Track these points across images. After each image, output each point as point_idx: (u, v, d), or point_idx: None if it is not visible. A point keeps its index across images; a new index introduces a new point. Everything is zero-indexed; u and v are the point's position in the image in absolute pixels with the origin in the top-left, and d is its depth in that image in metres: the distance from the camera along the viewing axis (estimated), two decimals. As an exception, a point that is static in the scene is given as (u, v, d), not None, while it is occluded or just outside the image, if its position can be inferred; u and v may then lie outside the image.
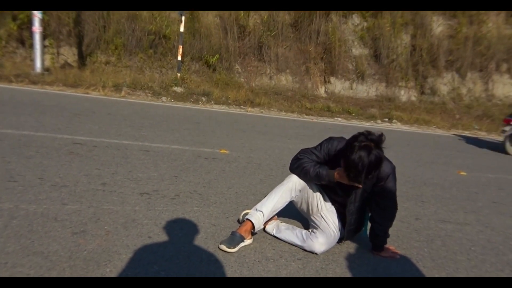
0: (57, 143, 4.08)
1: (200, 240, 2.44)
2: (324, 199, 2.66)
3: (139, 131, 5.06)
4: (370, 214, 2.57)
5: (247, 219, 2.48)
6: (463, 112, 12.63)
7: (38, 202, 2.66)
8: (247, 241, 2.45)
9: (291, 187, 2.53)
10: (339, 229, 2.57)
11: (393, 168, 2.43)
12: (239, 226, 2.48)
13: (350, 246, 2.67)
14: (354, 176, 2.19)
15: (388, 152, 2.28)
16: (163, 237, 2.42)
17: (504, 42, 13.49)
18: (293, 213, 2.92)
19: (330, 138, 2.57)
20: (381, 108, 11.62)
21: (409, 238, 2.96)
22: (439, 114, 12.04)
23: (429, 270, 2.45)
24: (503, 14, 13.96)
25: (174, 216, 2.74)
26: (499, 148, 8.05)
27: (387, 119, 10.66)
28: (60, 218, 2.48)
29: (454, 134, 9.73)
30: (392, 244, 2.70)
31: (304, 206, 2.65)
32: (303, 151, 2.58)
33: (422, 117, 11.18)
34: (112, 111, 6.13)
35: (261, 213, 2.48)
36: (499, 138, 9.60)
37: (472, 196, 4.32)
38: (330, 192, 2.63)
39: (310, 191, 2.61)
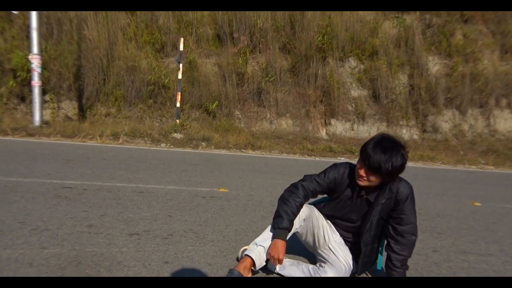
0: (45, 188, 3.85)
1: (193, 281, 2.15)
2: (332, 230, 2.40)
3: (134, 174, 4.83)
4: (386, 243, 2.30)
5: (246, 255, 2.21)
6: (467, 148, 12.39)
7: (14, 247, 2.41)
8: (247, 280, 2.16)
9: (295, 217, 2.28)
10: (351, 262, 2.30)
11: (411, 188, 2.21)
12: (238, 263, 2.21)
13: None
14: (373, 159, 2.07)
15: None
16: (151, 278, 2.14)
17: (501, 78, 13.54)
18: (297, 246, 2.64)
19: (335, 165, 2.36)
20: (384, 147, 11.43)
21: (429, 271, 2.65)
22: (443, 150, 11.80)
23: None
24: (497, 51, 14.16)
25: (166, 257, 2.47)
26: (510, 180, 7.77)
27: (391, 158, 10.39)
28: (36, 263, 2.22)
29: (461, 169, 9.45)
30: (411, 278, 2.40)
31: (309, 238, 2.39)
32: (305, 178, 2.38)
33: (426, 154, 10.94)
34: (108, 157, 5.94)
35: (262, 247, 2.21)
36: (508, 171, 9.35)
37: (491, 226, 4.01)
38: (344, 220, 2.38)
39: (316, 220, 2.36)
